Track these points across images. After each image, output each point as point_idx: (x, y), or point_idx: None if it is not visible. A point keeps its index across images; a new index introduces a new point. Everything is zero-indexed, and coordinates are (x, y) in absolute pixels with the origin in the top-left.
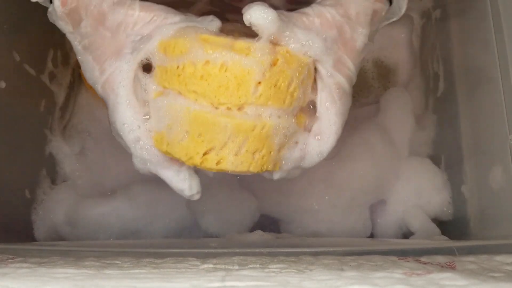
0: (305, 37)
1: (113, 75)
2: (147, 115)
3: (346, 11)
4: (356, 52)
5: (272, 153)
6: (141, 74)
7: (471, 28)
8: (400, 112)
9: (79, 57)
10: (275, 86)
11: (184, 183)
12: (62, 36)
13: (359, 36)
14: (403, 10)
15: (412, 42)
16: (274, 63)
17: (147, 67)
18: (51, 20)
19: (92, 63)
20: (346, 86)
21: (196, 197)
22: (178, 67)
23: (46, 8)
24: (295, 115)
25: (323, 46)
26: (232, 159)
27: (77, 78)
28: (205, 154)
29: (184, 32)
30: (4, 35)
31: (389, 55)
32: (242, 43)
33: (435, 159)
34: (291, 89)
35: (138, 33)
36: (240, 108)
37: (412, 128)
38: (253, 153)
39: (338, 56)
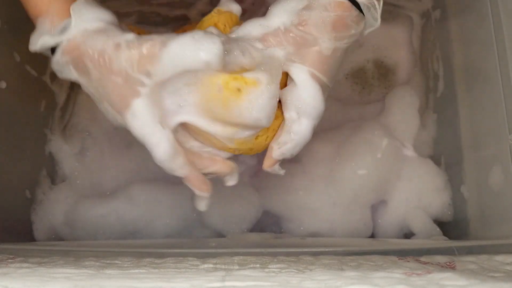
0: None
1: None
2: None
3: (302, 23)
4: (323, 58)
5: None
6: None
7: (471, 28)
8: (405, 112)
9: (99, 106)
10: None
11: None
12: None
13: (322, 43)
14: (379, 21)
15: (412, 42)
16: None
17: None
18: (58, 73)
19: (112, 112)
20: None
21: None
22: None
23: None
24: None
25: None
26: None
27: None
28: None
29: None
30: (4, 36)
31: (389, 55)
32: None
33: (435, 159)
34: None
35: (144, 71)
36: None
37: (416, 128)
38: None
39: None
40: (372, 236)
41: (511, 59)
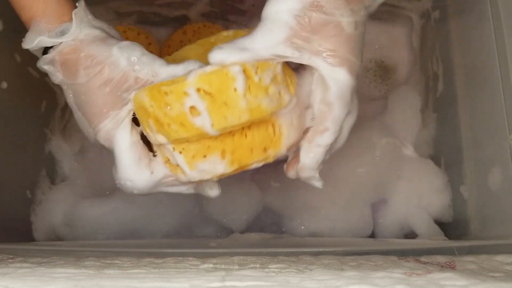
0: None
1: (109, 133)
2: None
3: (314, 4)
4: (347, 35)
5: None
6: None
7: (471, 28)
8: (407, 112)
9: (74, 115)
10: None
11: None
12: None
13: (342, 18)
14: None
15: (412, 42)
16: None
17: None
18: (41, 69)
19: (84, 121)
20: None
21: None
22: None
23: None
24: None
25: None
26: None
27: None
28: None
29: None
30: (5, 37)
31: (389, 55)
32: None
33: (434, 159)
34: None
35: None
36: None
37: (418, 128)
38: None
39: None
40: (373, 235)
41: (511, 59)
